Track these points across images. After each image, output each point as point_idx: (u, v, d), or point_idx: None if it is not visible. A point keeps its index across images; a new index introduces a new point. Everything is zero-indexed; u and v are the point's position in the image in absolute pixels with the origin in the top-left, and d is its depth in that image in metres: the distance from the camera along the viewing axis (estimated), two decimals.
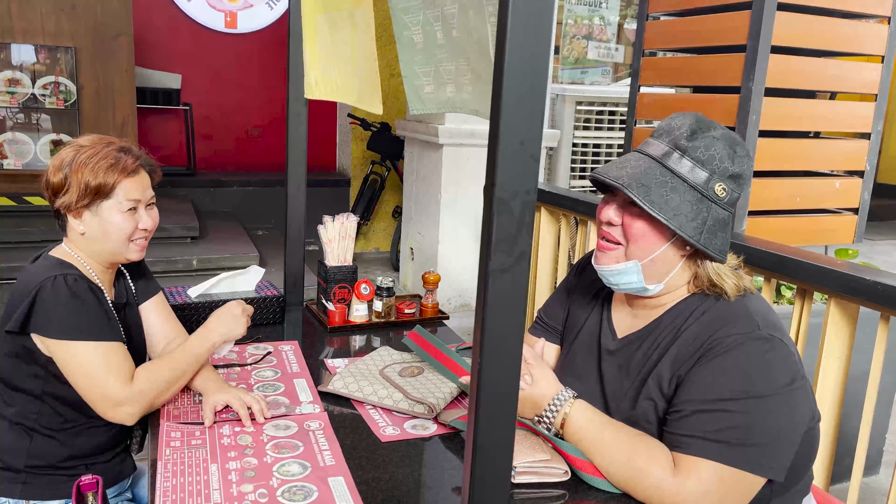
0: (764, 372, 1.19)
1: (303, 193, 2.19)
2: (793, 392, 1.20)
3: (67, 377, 1.45)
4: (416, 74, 1.77)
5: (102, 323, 1.46)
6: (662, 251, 1.30)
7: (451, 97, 1.66)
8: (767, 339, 1.22)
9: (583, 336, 1.50)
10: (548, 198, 3.04)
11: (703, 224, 1.26)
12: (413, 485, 1.26)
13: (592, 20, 6.38)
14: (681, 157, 1.27)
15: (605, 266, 1.35)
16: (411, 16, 1.70)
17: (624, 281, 1.34)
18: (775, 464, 1.18)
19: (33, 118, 4.62)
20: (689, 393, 1.23)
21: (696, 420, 1.20)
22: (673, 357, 1.28)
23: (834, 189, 2.96)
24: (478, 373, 0.86)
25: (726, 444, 1.16)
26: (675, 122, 1.31)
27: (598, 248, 1.38)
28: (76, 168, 1.48)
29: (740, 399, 1.18)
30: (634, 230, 1.30)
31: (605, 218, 1.34)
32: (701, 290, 1.33)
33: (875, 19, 2.90)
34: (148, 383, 1.46)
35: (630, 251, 1.31)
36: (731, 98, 2.68)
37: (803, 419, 1.23)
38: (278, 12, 6.33)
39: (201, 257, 4.28)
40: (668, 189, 1.25)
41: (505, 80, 0.79)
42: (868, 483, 2.92)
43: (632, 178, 1.26)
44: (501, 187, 0.81)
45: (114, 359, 1.44)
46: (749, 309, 1.27)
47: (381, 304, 2.10)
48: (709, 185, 1.27)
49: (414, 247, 4.81)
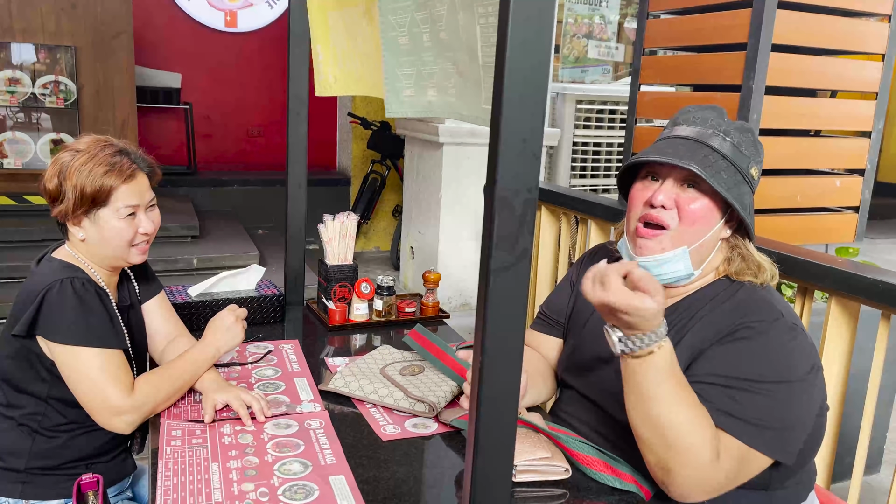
0: (787, 359, 1.20)
1: (303, 192, 2.19)
2: (811, 380, 1.21)
3: (68, 382, 1.45)
4: (397, 77, 1.77)
5: (107, 329, 1.46)
6: (712, 232, 1.30)
7: (431, 101, 1.65)
8: (791, 328, 1.23)
9: (591, 326, 1.49)
10: (548, 196, 3.04)
11: (746, 205, 1.29)
12: (414, 483, 1.26)
13: (593, 19, 6.37)
14: (724, 139, 1.29)
15: (650, 256, 1.29)
16: (399, 17, 1.69)
17: (669, 270, 1.30)
18: (790, 448, 1.19)
19: (33, 117, 4.62)
20: (709, 367, 1.21)
21: (713, 391, 1.18)
22: (689, 343, 1.28)
23: (834, 187, 2.96)
24: (479, 371, 0.86)
25: (745, 422, 1.16)
26: (704, 112, 1.33)
27: (638, 236, 1.31)
28: (70, 175, 1.46)
29: (764, 382, 1.18)
30: (693, 211, 1.27)
31: (658, 202, 1.28)
32: (727, 275, 1.33)
33: (876, 17, 2.90)
34: (148, 394, 1.45)
35: (679, 235, 1.28)
36: (731, 97, 2.68)
37: (816, 407, 1.24)
38: (278, 11, 6.33)
39: (202, 256, 4.28)
40: (721, 168, 1.27)
41: (506, 79, 0.79)
42: (869, 482, 2.92)
43: (691, 158, 1.25)
44: (503, 185, 0.81)
45: (116, 367, 1.44)
46: (772, 298, 1.28)
47: (381, 302, 2.10)
48: (748, 168, 1.30)
49: (414, 246, 4.81)
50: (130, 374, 1.47)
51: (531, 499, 1.23)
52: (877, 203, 3.46)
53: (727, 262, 1.34)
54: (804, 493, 1.34)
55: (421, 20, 1.61)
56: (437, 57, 1.58)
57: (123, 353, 1.49)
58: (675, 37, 3.06)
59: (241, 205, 5.86)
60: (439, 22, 1.52)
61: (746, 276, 1.31)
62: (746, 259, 1.32)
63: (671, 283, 1.33)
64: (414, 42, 1.66)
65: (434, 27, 1.56)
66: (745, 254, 1.33)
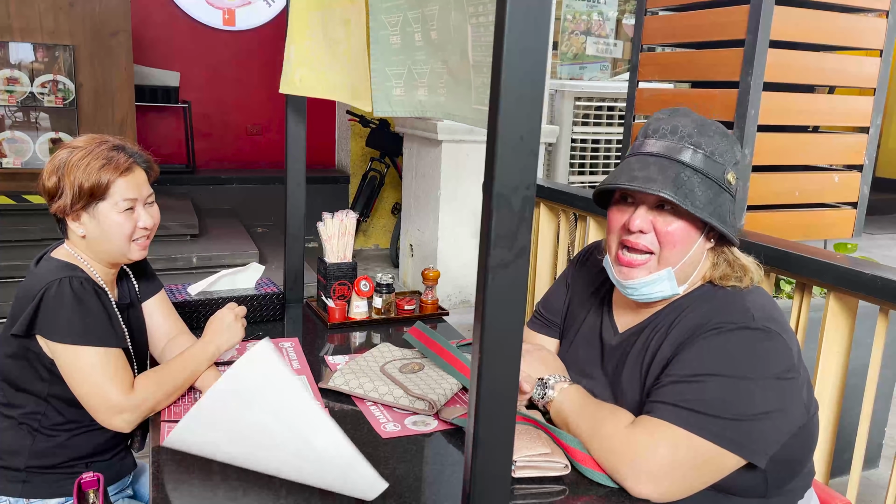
0: (751, 358, 1.20)
1: (302, 190, 2.19)
2: (783, 383, 1.20)
3: (68, 381, 1.45)
4: (387, 76, 1.77)
5: (106, 328, 1.46)
6: (694, 249, 1.29)
7: (422, 101, 1.65)
8: (763, 330, 1.22)
9: (584, 331, 1.50)
10: (547, 193, 3.04)
11: (725, 214, 1.28)
12: (414, 481, 1.27)
13: (591, 15, 6.37)
14: (695, 152, 1.27)
15: (637, 280, 1.31)
16: (391, 16, 1.69)
17: (657, 290, 1.31)
18: (751, 445, 1.17)
19: (32, 116, 4.61)
20: (672, 368, 1.25)
21: (670, 389, 1.22)
22: (669, 343, 1.29)
23: (833, 183, 2.96)
24: (478, 368, 0.87)
25: (691, 410, 1.17)
26: (674, 121, 1.30)
27: (622, 265, 1.32)
28: (68, 170, 1.47)
29: (718, 376, 1.19)
30: (672, 234, 1.27)
31: (635, 227, 1.28)
32: (710, 280, 1.33)
33: (873, 13, 2.90)
34: (148, 393, 1.44)
35: (663, 258, 1.29)
36: (730, 93, 2.68)
37: (796, 413, 1.23)
38: (276, 9, 6.32)
39: (201, 255, 4.28)
40: (694, 185, 1.25)
41: (504, 76, 0.79)
42: (868, 476, 2.93)
43: (662, 182, 1.24)
44: (501, 183, 0.81)
45: (115, 366, 1.44)
46: (747, 302, 1.28)
47: (380, 300, 2.10)
48: (723, 176, 1.29)
49: (413, 243, 4.81)
50: (130, 373, 1.47)
51: (530, 495, 1.23)
52: (875, 199, 3.46)
53: (713, 267, 1.34)
54: (801, 493, 1.34)
55: (413, 19, 1.61)
56: (429, 57, 1.58)
57: (123, 352, 1.49)
58: (674, 33, 3.07)
59: (241, 203, 5.86)
60: (431, 21, 1.52)
61: (730, 281, 1.31)
62: (732, 264, 1.32)
63: (658, 300, 1.35)
64: (405, 41, 1.66)
65: (425, 26, 1.55)
66: (730, 259, 1.32)
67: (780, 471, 1.25)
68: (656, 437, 1.18)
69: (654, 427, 1.19)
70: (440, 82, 1.54)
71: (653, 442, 1.17)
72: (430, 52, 1.57)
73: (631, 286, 1.32)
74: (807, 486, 1.35)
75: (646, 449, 1.17)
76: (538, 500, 1.22)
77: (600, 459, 1.24)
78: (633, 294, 1.34)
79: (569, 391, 1.36)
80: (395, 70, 1.73)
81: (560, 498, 1.23)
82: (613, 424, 1.24)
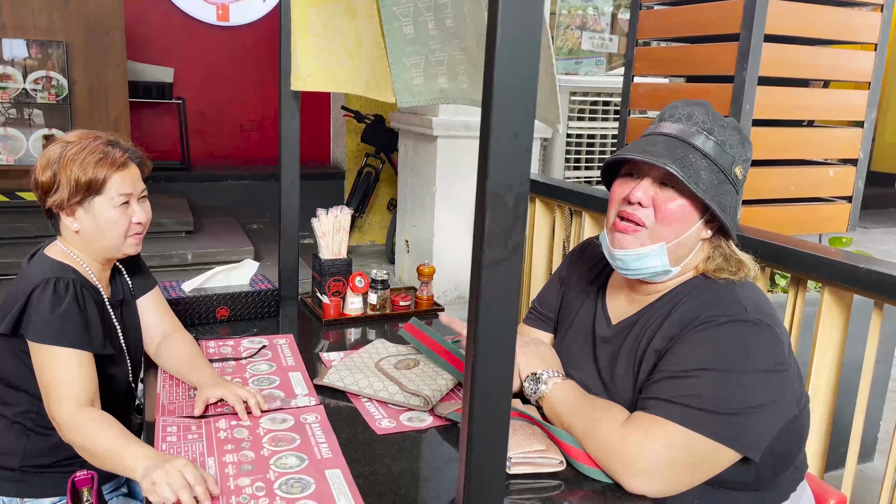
0: (742, 351, 1.20)
1: (297, 187, 2.19)
2: (775, 375, 1.20)
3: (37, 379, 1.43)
4: (405, 67, 1.76)
5: (80, 332, 1.43)
6: (691, 232, 1.30)
7: (444, 88, 1.66)
8: (754, 323, 1.22)
9: (577, 324, 1.50)
10: (542, 189, 3.04)
11: (727, 204, 1.28)
12: (410, 477, 1.27)
13: (586, 10, 6.36)
14: (707, 138, 1.28)
15: (628, 250, 1.30)
16: (402, 6, 1.69)
17: (648, 265, 1.30)
18: (745, 439, 1.17)
19: (25, 113, 4.59)
20: (665, 363, 1.25)
21: (664, 385, 1.22)
22: (661, 336, 1.30)
23: (828, 178, 2.97)
24: (472, 365, 0.86)
25: (685, 406, 1.17)
26: (690, 108, 1.32)
27: (616, 230, 1.32)
28: (64, 165, 1.46)
29: (710, 370, 1.19)
30: (670, 211, 1.27)
31: (634, 199, 1.29)
32: (704, 272, 1.33)
33: (868, 7, 2.90)
34: (83, 427, 1.35)
35: (657, 233, 1.29)
36: (724, 87, 2.68)
37: (788, 405, 1.23)
38: (270, 5, 6.30)
39: (196, 252, 4.26)
40: (700, 168, 1.26)
41: (497, 72, 0.79)
42: (862, 470, 2.94)
43: (669, 158, 1.25)
44: (494, 180, 0.81)
45: (78, 369, 1.40)
46: (739, 295, 1.28)
47: (376, 296, 2.10)
48: (732, 167, 1.29)
49: (409, 239, 4.81)
50: (94, 384, 1.43)
51: (526, 491, 1.23)
52: (870, 193, 3.47)
53: (707, 260, 1.34)
54: (794, 485, 1.35)
55: (425, 8, 1.61)
56: (445, 44, 1.58)
57: (93, 359, 1.45)
58: (669, 28, 3.07)
59: (235, 200, 5.85)
60: (445, 9, 1.52)
61: (724, 274, 1.31)
62: (728, 258, 1.32)
63: (649, 278, 1.34)
64: (419, 31, 1.66)
65: (438, 14, 1.56)
66: (727, 253, 1.32)
67: (772, 463, 1.25)
68: (651, 435, 1.18)
69: (649, 424, 1.19)
70: (461, 69, 1.55)
71: (648, 439, 1.18)
72: (444, 39, 1.57)
73: (621, 257, 1.31)
74: (799, 478, 1.36)
75: (641, 447, 1.17)
76: (533, 495, 1.22)
77: (596, 457, 1.24)
78: (624, 268, 1.33)
79: (562, 386, 1.36)
80: (412, 60, 1.73)
81: (555, 494, 1.23)
82: (608, 422, 1.24)
